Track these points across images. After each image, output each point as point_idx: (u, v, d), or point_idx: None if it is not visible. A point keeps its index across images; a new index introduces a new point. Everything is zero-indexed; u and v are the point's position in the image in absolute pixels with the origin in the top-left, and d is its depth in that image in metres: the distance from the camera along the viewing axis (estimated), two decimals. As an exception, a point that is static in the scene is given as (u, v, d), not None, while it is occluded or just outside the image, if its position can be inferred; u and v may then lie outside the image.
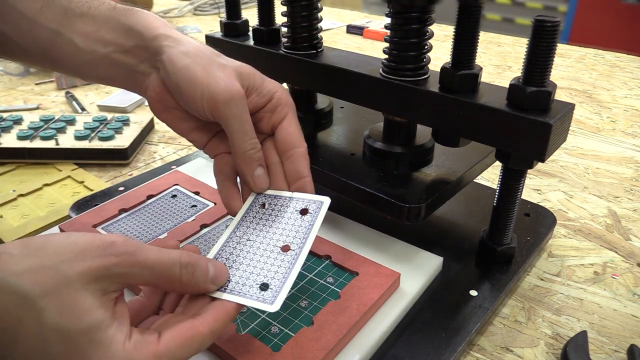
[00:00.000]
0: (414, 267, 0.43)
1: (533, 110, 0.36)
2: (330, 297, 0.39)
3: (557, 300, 0.43)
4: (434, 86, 0.41)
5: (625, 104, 0.85)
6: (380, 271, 0.40)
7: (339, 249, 0.43)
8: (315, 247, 0.43)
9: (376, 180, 0.43)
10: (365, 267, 0.41)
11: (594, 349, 0.39)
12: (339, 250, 0.43)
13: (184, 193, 0.52)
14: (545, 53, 0.35)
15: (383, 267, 0.41)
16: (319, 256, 0.43)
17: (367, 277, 0.40)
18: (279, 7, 0.51)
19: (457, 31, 0.38)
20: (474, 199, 0.54)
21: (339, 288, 0.40)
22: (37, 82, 0.95)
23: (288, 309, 0.38)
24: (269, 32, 0.52)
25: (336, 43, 1.19)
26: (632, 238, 0.52)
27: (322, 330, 0.35)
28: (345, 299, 0.38)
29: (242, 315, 0.38)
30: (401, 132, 0.46)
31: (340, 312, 0.36)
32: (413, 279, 0.41)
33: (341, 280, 0.41)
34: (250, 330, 0.36)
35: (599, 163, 0.66)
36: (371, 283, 0.39)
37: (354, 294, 0.38)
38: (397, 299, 0.40)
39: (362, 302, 0.37)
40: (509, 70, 1.00)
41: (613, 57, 1.08)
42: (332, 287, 0.40)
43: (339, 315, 0.36)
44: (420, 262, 0.43)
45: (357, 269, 0.41)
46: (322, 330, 0.35)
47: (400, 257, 0.44)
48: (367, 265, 0.41)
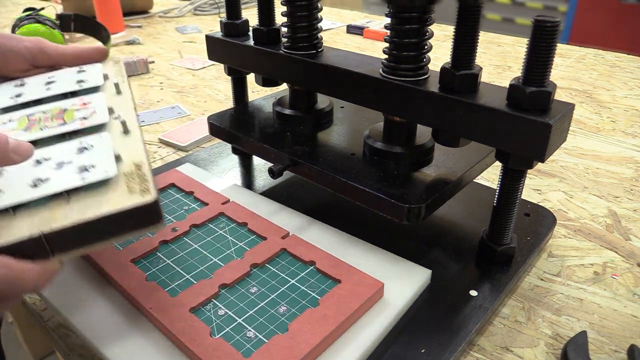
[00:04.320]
0: (401, 279, 0.41)
1: (533, 111, 0.36)
2: (310, 305, 0.38)
3: (557, 300, 0.43)
4: (434, 86, 0.41)
5: (625, 104, 0.85)
6: (363, 280, 0.39)
7: (324, 256, 0.42)
8: (300, 252, 0.43)
9: (376, 180, 0.43)
10: (348, 275, 0.40)
11: (594, 349, 0.39)
12: (325, 256, 0.42)
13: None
14: (545, 53, 0.35)
15: (367, 276, 0.39)
16: (303, 261, 0.42)
17: (349, 286, 0.39)
18: (279, 7, 0.51)
19: (457, 31, 0.38)
20: (474, 199, 0.54)
21: (320, 295, 0.39)
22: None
23: (265, 314, 0.37)
24: (269, 32, 0.52)
25: (336, 43, 1.20)
26: (632, 238, 0.52)
27: (295, 338, 0.34)
28: (324, 306, 0.37)
29: (219, 319, 0.37)
30: (401, 132, 0.46)
31: (317, 321, 0.35)
32: (399, 291, 0.40)
33: (323, 288, 0.40)
34: (224, 334, 0.36)
35: (599, 163, 0.66)
36: (353, 292, 0.38)
37: (333, 302, 0.37)
38: (380, 309, 0.38)
39: (341, 310, 0.36)
40: (509, 70, 1.00)
41: (613, 57, 1.08)
42: (312, 294, 0.39)
43: (315, 323, 0.35)
44: (408, 273, 0.42)
45: (341, 276, 0.40)
46: (296, 338, 0.34)
47: (387, 268, 0.42)
48: (352, 273, 0.40)
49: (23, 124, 0.40)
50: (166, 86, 0.94)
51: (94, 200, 0.32)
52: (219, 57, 0.58)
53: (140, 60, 0.99)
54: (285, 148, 0.48)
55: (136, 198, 0.31)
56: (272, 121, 0.55)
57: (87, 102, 0.43)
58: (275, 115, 0.55)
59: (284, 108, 0.54)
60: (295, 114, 0.54)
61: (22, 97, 0.44)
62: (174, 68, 1.04)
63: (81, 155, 0.36)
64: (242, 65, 0.56)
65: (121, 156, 0.35)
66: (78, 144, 0.37)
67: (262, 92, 0.89)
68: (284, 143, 0.49)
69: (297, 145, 0.49)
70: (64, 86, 0.45)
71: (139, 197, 0.31)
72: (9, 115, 0.42)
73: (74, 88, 0.45)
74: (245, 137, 0.51)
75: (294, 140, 0.50)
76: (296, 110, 0.54)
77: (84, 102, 0.43)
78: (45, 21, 0.98)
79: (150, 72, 1.02)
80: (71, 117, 0.41)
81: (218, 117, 0.56)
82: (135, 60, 0.99)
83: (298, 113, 0.54)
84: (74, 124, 0.40)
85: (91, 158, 0.35)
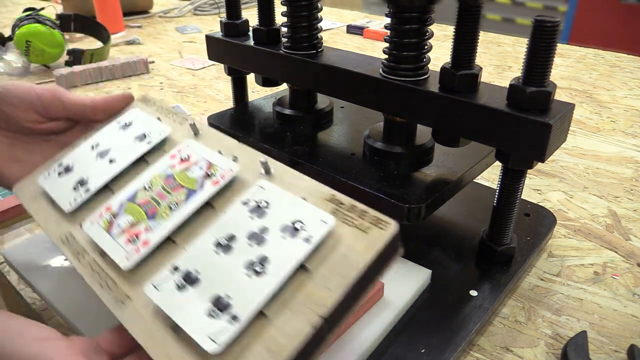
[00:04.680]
0: (401, 278, 0.41)
1: (533, 111, 0.36)
2: None
3: (557, 300, 0.43)
4: (434, 86, 0.41)
5: (625, 104, 0.85)
6: None
7: None
8: None
9: (376, 180, 0.43)
10: None
11: (594, 349, 0.39)
12: None
13: None
14: (545, 53, 0.35)
15: None
16: None
17: None
18: (279, 7, 0.51)
19: (457, 31, 0.38)
20: (474, 199, 0.54)
21: None
22: (37, 82, 0.95)
23: None
24: (269, 32, 0.52)
25: (336, 43, 1.19)
26: (632, 238, 0.52)
27: None
28: None
29: None
30: (401, 132, 0.46)
31: None
32: (399, 290, 0.40)
33: None
34: None
35: (599, 163, 0.66)
36: None
37: None
38: (380, 309, 0.38)
39: None
40: (509, 70, 1.00)
41: (613, 57, 1.08)
42: None
43: None
44: (408, 273, 0.42)
45: None
46: None
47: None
48: None
49: (139, 215, 0.33)
50: (166, 86, 0.94)
51: (335, 257, 0.27)
52: (219, 57, 0.58)
53: (140, 60, 0.99)
54: (285, 148, 0.48)
55: (380, 233, 0.27)
56: (272, 121, 0.55)
57: (186, 158, 0.35)
58: (275, 115, 0.55)
59: (284, 108, 0.54)
60: (295, 114, 0.54)
61: (89, 183, 0.36)
62: (174, 68, 1.04)
63: (265, 216, 0.29)
64: (242, 65, 0.56)
65: (307, 198, 0.30)
66: (250, 206, 0.30)
67: (262, 92, 0.89)
68: (284, 143, 0.49)
69: (297, 145, 0.49)
70: (129, 152, 0.37)
71: (381, 231, 0.27)
72: (97, 211, 0.34)
73: (143, 149, 0.37)
74: (245, 137, 0.51)
75: (294, 140, 0.50)
76: (296, 110, 0.54)
77: (182, 159, 0.35)
78: (45, 21, 0.98)
79: (150, 72, 1.02)
80: (190, 181, 0.33)
81: (218, 117, 0.56)
82: (135, 60, 0.99)
83: (298, 113, 0.54)
84: (208, 188, 0.32)
85: (289, 214, 0.29)
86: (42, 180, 0.39)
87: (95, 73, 0.95)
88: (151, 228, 0.31)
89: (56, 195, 0.37)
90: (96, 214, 0.34)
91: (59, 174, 0.38)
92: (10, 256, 0.46)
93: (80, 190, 0.36)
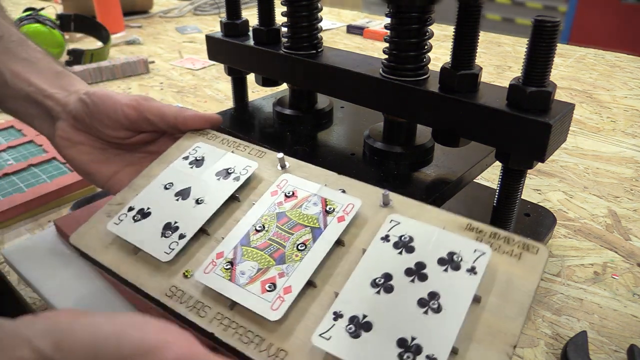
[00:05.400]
0: None
1: (533, 111, 0.36)
2: None
3: (557, 300, 0.43)
4: (434, 86, 0.41)
5: (625, 104, 0.85)
6: None
7: None
8: None
9: (376, 181, 0.43)
10: None
11: (594, 349, 0.39)
12: None
13: None
14: (545, 53, 0.35)
15: None
16: None
17: None
18: (279, 7, 0.51)
19: (457, 31, 0.38)
20: (474, 199, 0.54)
21: None
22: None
23: None
24: (269, 32, 0.52)
25: (336, 43, 1.19)
26: (632, 238, 0.52)
27: None
28: None
29: None
30: (401, 132, 0.46)
31: None
32: None
33: None
34: None
35: (599, 163, 0.66)
36: None
37: None
38: None
39: None
40: (509, 70, 1.00)
41: (613, 57, 1.08)
42: None
43: None
44: None
45: None
46: None
47: None
48: None
49: (264, 260, 0.30)
50: (166, 86, 0.94)
51: (501, 286, 0.26)
52: (219, 57, 0.58)
53: (140, 60, 0.99)
54: (285, 148, 0.48)
55: (534, 258, 0.27)
56: (272, 121, 0.55)
57: (291, 194, 0.33)
58: (275, 115, 0.55)
59: (284, 108, 0.54)
60: (295, 114, 0.54)
61: (182, 228, 0.33)
62: (174, 68, 1.04)
63: (414, 251, 0.28)
64: (242, 65, 0.56)
65: (445, 228, 0.29)
66: (392, 242, 0.29)
67: (262, 92, 0.89)
68: (284, 143, 0.49)
69: (297, 145, 0.49)
70: (217, 191, 0.35)
71: (534, 255, 0.27)
72: (204, 259, 0.31)
73: (233, 186, 0.35)
74: (245, 137, 0.51)
75: (294, 140, 0.50)
76: (296, 110, 0.54)
77: (287, 195, 0.33)
78: (45, 21, 0.98)
79: (150, 72, 1.02)
80: (311, 219, 0.31)
81: (218, 117, 0.56)
82: (135, 60, 0.99)
83: (298, 113, 0.54)
84: (335, 225, 0.31)
85: (440, 247, 0.28)
86: (112, 227, 0.34)
87: (96, 73, 0.95)
88: (286, 273, 0.29)
89: (141, 244, 0.33)
90: (207, 263, 0.31)
91: (133, 218, 0.34)
92: (10, 256, 0.46)
93: (173, 237, 0.33)
